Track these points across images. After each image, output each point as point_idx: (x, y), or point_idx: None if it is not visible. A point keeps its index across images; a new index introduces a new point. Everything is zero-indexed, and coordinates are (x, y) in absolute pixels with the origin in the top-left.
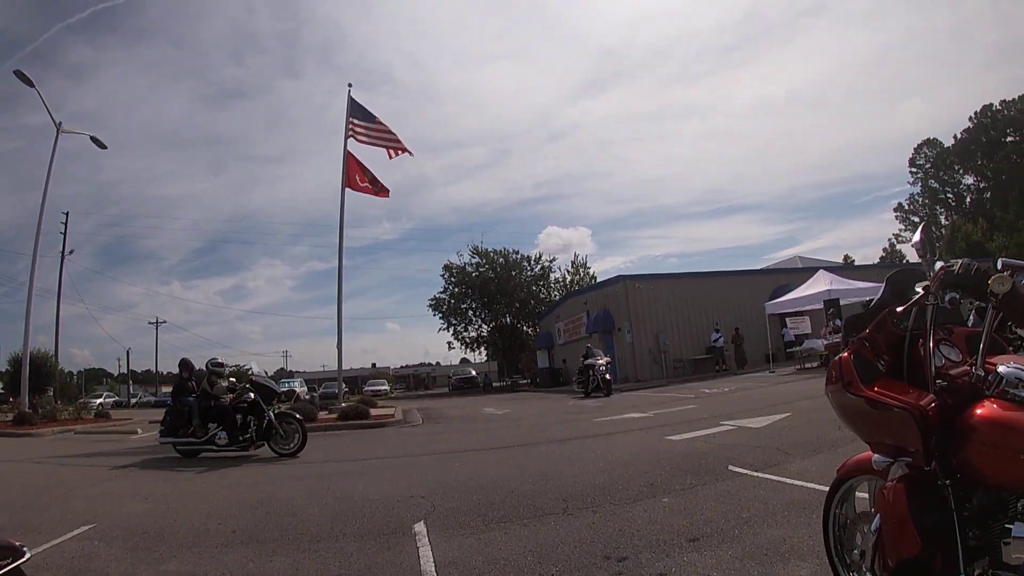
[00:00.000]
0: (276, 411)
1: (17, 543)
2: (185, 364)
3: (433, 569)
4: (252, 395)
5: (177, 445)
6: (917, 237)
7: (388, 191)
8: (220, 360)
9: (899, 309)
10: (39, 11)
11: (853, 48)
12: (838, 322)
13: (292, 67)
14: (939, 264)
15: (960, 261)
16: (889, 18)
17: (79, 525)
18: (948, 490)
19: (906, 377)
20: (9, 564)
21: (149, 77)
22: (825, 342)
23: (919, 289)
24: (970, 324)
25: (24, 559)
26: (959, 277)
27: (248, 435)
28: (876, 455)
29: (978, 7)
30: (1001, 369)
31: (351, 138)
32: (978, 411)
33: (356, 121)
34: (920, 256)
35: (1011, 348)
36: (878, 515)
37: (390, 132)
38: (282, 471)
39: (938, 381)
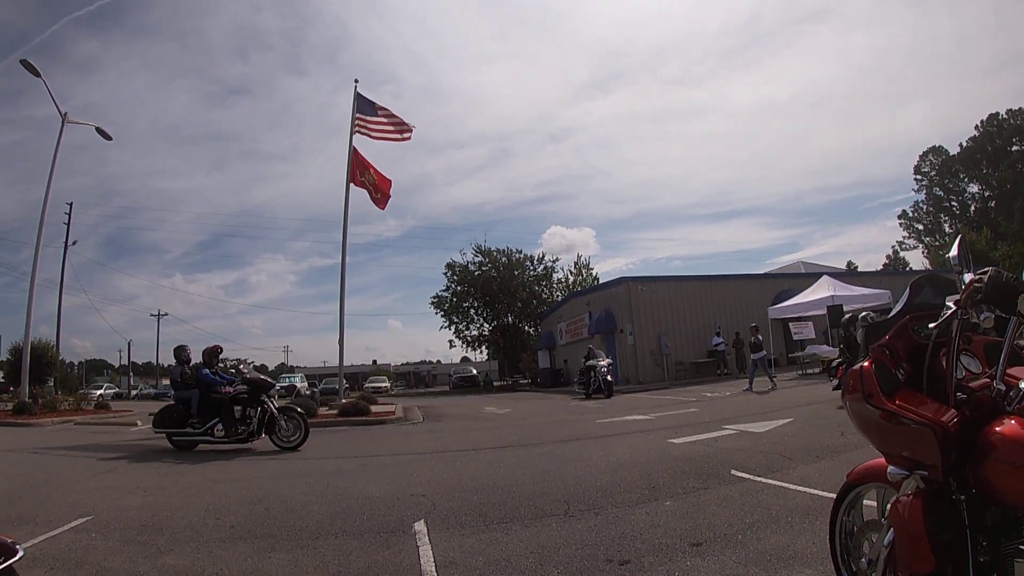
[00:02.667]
0: None
1: (9, 540)
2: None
3: (433, 569)
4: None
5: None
6: (954, 251)
7: (385, 202)
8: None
9: (931, 326)
10: (45, 4)
11: (856, 52)
12: (759, 337)
13: (297, 65)
14: (968, 276)
15: (988, 273)
16: (892, 23)
17: (76, 517)
18: (963, 504)
19: (925, 388)
20: (1, 563)
21: (155, 73)
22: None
23: (951, 304)
24: (981, 329)
25: (16, 558)
26: (989, 293)
27: None
28: (891, 467)
29: (980, 13)
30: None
31: (357, 134)
32: (997, 428)
33: (363, 117)
34: (956, 271)
35: None
36: (891, 529)
37: (393, 116)
38: (282, 467)
39: (958, 394)
